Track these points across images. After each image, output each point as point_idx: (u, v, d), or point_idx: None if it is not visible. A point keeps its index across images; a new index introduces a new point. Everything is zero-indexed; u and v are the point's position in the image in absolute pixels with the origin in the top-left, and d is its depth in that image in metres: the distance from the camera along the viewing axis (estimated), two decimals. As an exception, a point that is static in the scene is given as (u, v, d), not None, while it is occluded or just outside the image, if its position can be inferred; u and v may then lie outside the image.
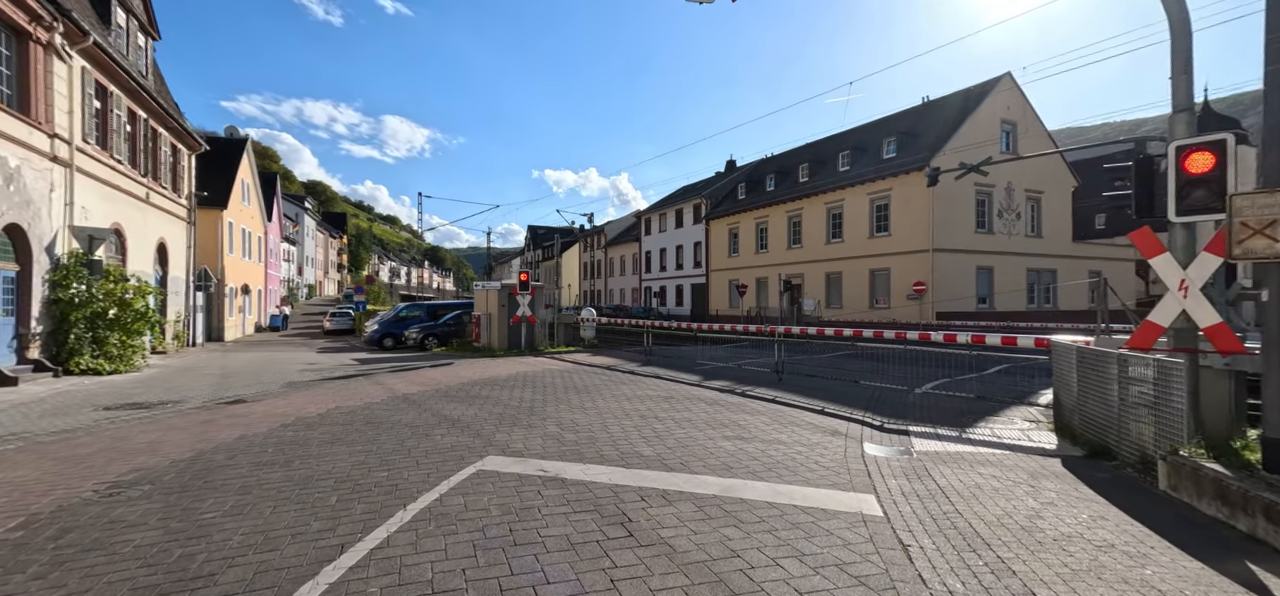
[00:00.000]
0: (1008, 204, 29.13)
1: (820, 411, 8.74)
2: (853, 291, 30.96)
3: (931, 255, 26.76)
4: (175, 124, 20.56)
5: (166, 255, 20.48)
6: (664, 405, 9.07)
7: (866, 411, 8.65)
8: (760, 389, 10.77)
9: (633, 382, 11.61)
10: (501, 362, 15.77)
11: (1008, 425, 7.70)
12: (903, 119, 33.76)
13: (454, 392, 10.30)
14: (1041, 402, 9.14)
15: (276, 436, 6.89)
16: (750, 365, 13.33)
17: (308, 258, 69.03)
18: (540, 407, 8.76)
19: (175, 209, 21.20)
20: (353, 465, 5.56)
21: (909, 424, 7.84)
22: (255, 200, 33.66)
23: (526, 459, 5.80)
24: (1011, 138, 29.48)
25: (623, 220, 64.22)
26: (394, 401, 9.43)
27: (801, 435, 7.10)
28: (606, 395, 10.01)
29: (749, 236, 39.44)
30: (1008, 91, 29.29)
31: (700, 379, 12.17)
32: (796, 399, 9.70)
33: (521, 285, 19.61)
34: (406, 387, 11.06)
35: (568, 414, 8.28)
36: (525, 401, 9.33)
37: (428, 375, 13.05)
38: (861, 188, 30.58)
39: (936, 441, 6.88)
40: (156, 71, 21.51)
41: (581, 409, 8.69)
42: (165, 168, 20.09)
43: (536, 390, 10.56)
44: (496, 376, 12.64)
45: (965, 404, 9.08)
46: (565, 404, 9.12)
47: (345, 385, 11.65)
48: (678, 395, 10.05)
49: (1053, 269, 30.33)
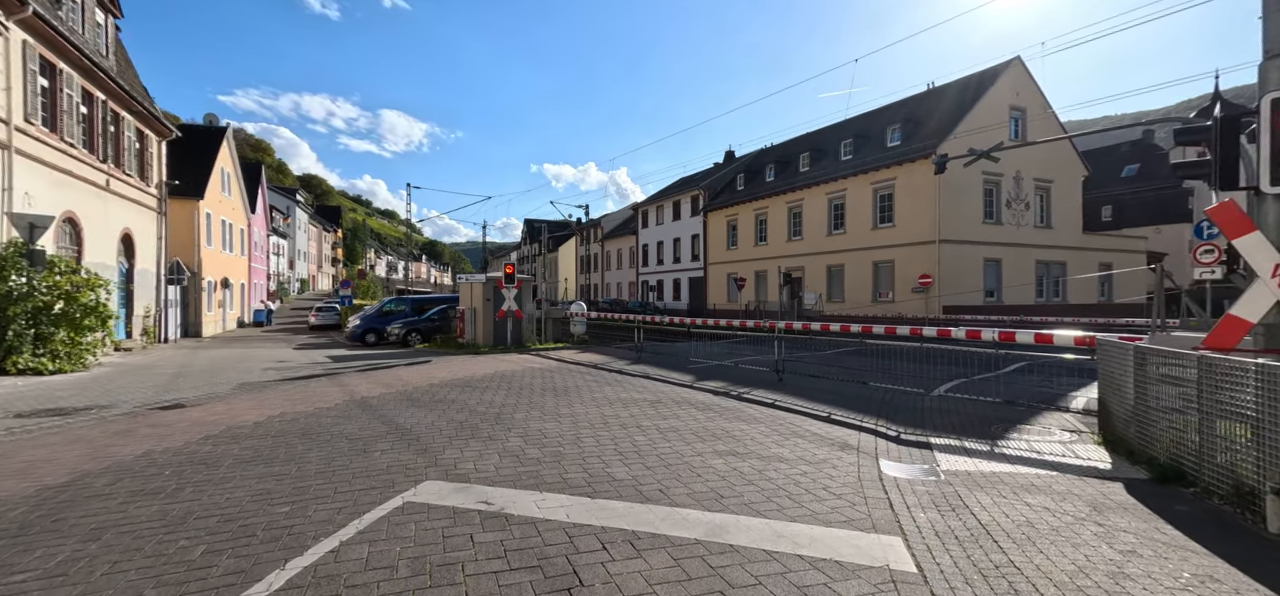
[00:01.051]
0: (1016, 193, 28.03)
1: (826, 418, 7.70)
2: (855, 284, 29.90)
3: (938, 246, 25.69)
4: (141, 108, 19.43)
5: (133, 246, 19.38)
6: (650, 411, 8.03)
7: (879, 418, 7.61)
8: (758, 391, 9.73)
9: (619, 384, 10.56)
10: (482, 361, 14.73)
11: (1045, 436, 6.65)
12: (907, 106, 32.61)
13: (418, 396, 9.25)
14: (1076, 408, 8.09)
15: (188, 453, 5.84)
16: (748, 364, 12.29)
17: (299, 251, 67.91)
18: (508, 414, 7.71)
19: (143, 198, 20.10)
20: (254, 496, 4.51)
21: (930, 434, 6.80)
22: (237, 191, 32.52)
23: (471, 486, 4.75)
24: (1021, 124, 28.36)
25: (619, 213, 63.07)
26: (347, 407, 8.38)
27: (806, 449, 6.06)
28: (587, 398, 8.96)
29: (748, 228, 38.33)
30: (1017, 76, 28.13)
31: (693, 379, 11.13)
32: (799, 403, 8.66)
33: (507, 278, 18.55)
34: (369, 389, 10.01)
35: (538, 422, 7.23)
36: (494, 406, 8.28)
37: (398, 375, 12.00)
38: (864, 177, 29.47)
39: (965, 457, 5.84)
40: (121, 52, 20.37)
41: (555, 416, 7.65)
42: (130, 154, 18.97)
43: (511, 392, 9.51)
44: (472, 376, 11.60)
45: (990, 409, 8.03)
46: (538, 409, 8.07)
47: (303, 387, 10.60)
48: (666, 398, 9.01)
49: (1062, 261, 29.27)
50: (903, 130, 29.67)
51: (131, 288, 19.44)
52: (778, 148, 43.17)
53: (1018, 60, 28.18)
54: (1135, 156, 49.66)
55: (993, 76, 28.28)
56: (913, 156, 26.75)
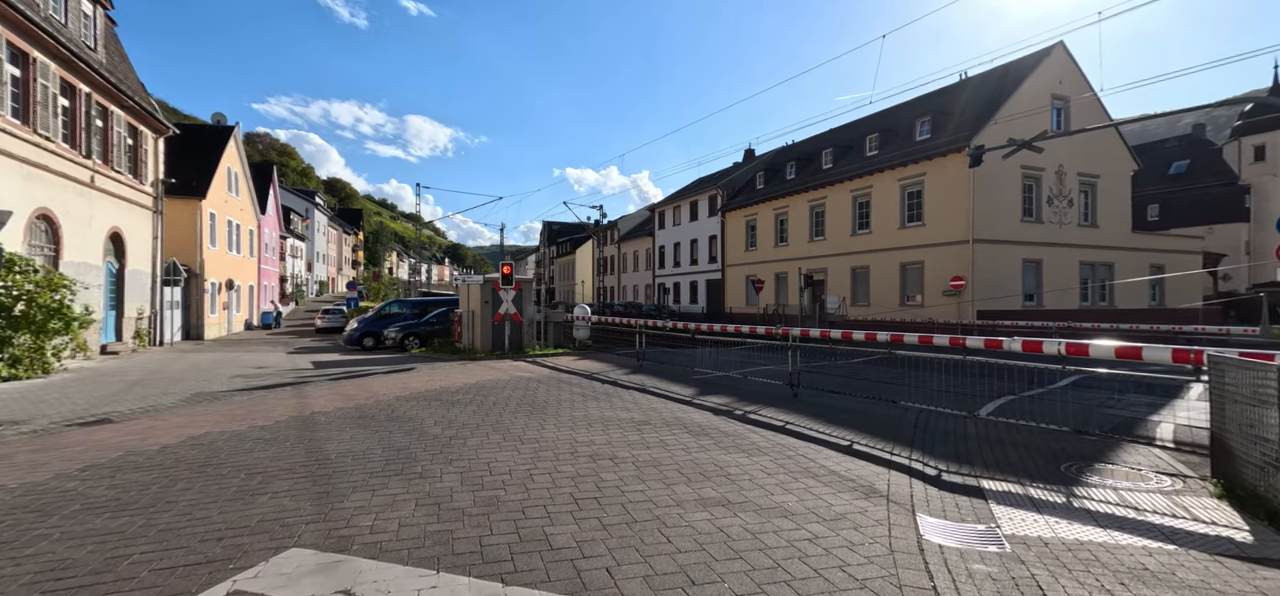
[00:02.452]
0: (1059, 189, 25.94)
1: (847, 447, 6.27)
2: (881, 287, 28.08)
3: (971, 246, 23.81)
4: (134, 104, 18.79)
5: (123, 246, 18.73)
6: (633, 435, 6.68)
7: (913, 449, 6.15)
8: (768, 410, 8.30)
9: (608, 398, 9.23)
10: (470, 368, 13.54)
11: (1137, 481, 5.12)
12: (938, 98, 30.67)
13: (372, 413, 8.05)
14: (1164, 438, 6.51)
15: (39, 492, 4.69)
16: (759, 375, 10.85)
17: (318, 253, 68.18)
18: (461, 439, 6.43)
19: (135, 196, 19.46)
20: (46, 570, 3.29)
21: (981, 474, 5.32)
22: (245, 191, 32.11)
23: (345, 560, 3.46)
24: (1063, 115, 26.28)
25: (637, 214, 61.83)
26: (282, 427, 7.21)
27: (819, 496, 4.65)
28: (564, 417, 7.65)
29: (768, 228, 36.69)
30: (1060, 63, 26.06)
31: (694, 394, 9.74)
32: (815, 427, 7.22)
33: (504, 279, 17.37)
34: (324, 403, 8.86)
35: (492, 451, 5.94)
36: (451, 428, 7.02)
37: (368, 385, 10.86)
38: (891, 173, 27.66)
39: (1035, 514, 4.36)
40: (115, 46, 19.80)
41: (517, 441, 6.35)
42: (120, 151, 18.32)
43: (479, 408, 8.25)
44: (448, 387, 10.39)
45: (1054, 439, 6.49)
46: (501, 432, 6.79)
47: (255, 400, 9.50)
48: (657, 418, 7.64)
49: (1109, 262, 27.04)
50: (932, 123, 27.80)
51: (122, 289, 18.79)
52: (799, 144, 41.44)
53: (1061, 46, 26.12)
54: (1184, 152, 46.65)
55: (1033, 64, 26.27)
56: (944, 150, 24.91)
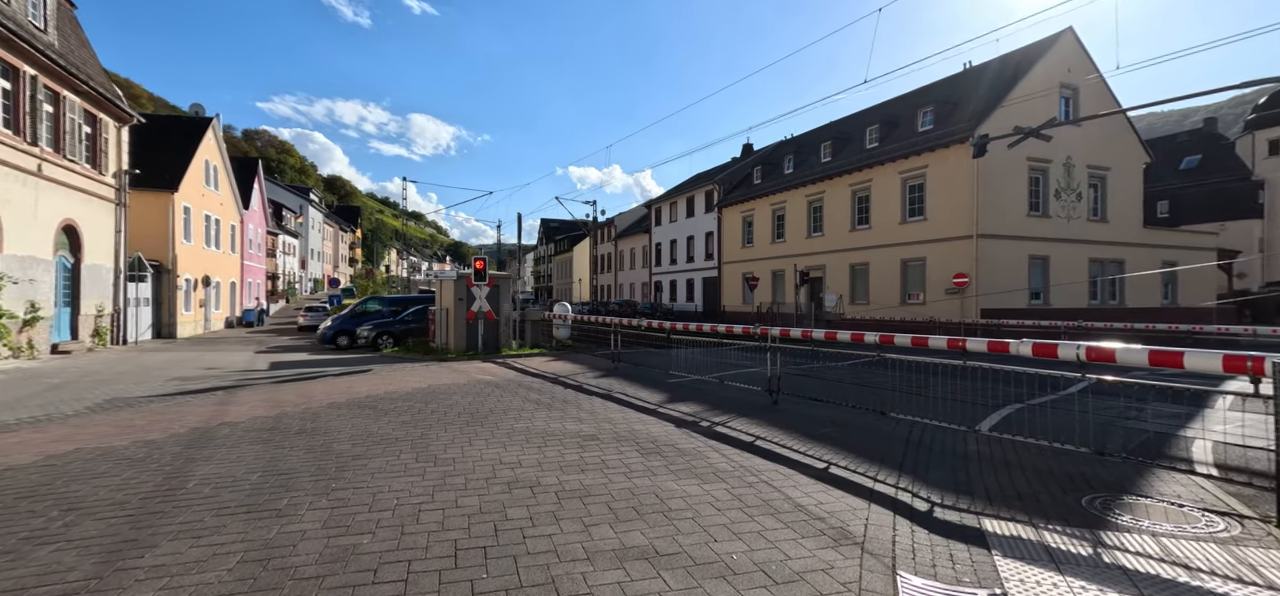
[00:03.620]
0: (1067, 182, 24.79)
1: (823, 470, 5.25)
2: (881, 285, 26.99)
3: (975, 242, 22.70)
4: (91, 90, 17.85)
5: (79, 239, 17.80)
6: (573, 453, 5.67)
7: (901, 474, 5.13)
8: (740, 421, 7.28)
9: (564, 406, 8.21)
10: (430, 370, 12.54)
11: (1177, 520, 4.08)
12: (941, 88, 29.52)
13: (290, 424, 7.07)
14: (1202, 461, 5.47)
15: None
16: (739, 380, 9.82)
17: (312, 250, 67.33)
18: (362, 461, 5.43)
19: (94, 187, 18.53)
20: None
21: (982, 508, 4.30)
22: (226, 185, 31.17)
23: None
24: (1072, 105, 25.11)
25: (634, 211, 60.77)
26: (170, 442, 6.23)
27: (776, 544, 3.62)
28: (501, 431, 6.64)
29: (764, 224, 35.61)
30: (1069, 50, 24.90)
31: (663, 400, 8.72)
32: (790, 442, 6.20)
33: (477, 274, 16.38)
34: (247, 412, 7.88)
35: (389, 478, 4.93)
36: (361, 444, 6.03)
37: (310, 389, 9.88)
38: (892, 165, 26.54)
39: (1053, 572, 3.33)
40: (73, 31, 18.87)
41: (428, 464, 5.34)
42: (75, 139, 17.38)
43: (410, 419, 7.25)
44: (393, 392, 9.40)
45: (1070, 461, 5.44)
46: (417, 451, 5.78)
47: (173, 407, 8.52)
48: (609, 431, 6.63)
49: (1120, 259, 25.87)
50: (935, 114, 26.67)
51: (77, 284, 17.86)
52: (797, 138, 40.32)
53: (1070, 32, 24.96)
54: (1196, 146, 45.31)
55: (1040, 51, 25.13)
56: (947, 141, 23.80)
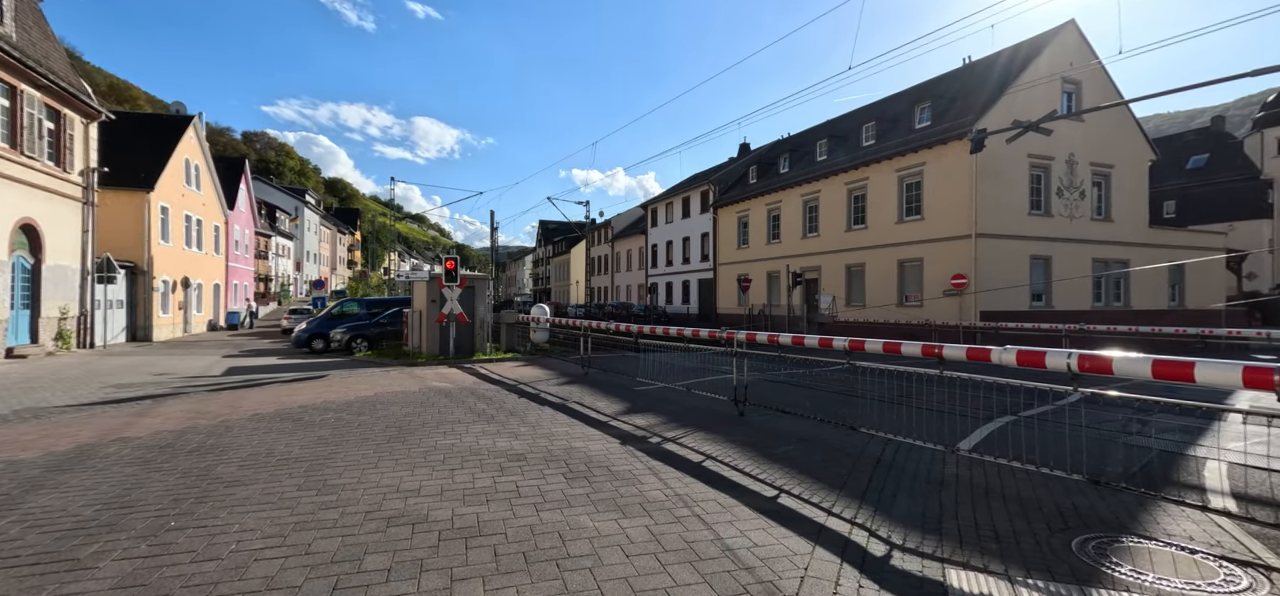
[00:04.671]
0: (1070, 180, 23.93)
1: (772, 499, 4.49)
2: (878, 286, 26.17)
3: (974, 241, 21.87)
4: (52, 84, 17.22)
5: (40, 239, 17.16)
6: (489, 478, 4.93)
7: (862, 504, 4.37)
8: (696, 436, 6.52)
9: (507, 418, 7.47)
10: (389, 376, 11.81)
11: (1186, 566, 3.29)
12: (939, 84, 28.68)
13: (186, 441, 6.36)
14: (1217, 490, 4.68)
15: None
16: (708, 389, 9.05)
17: (308, 252, 66.81)
18: (234, 488, 4.70)
19: (56, 185, 17.89)
20: None
21: (951, 553, 3.53)
22: (209, 185, 30.57)
23: None
24: (1075, 100, 24.25)
25: (630, 212, 60.04)
26: (20, 466, 5.51)
27: (678, 612, 2.86)
28: (420, 449, 5.90)
29: (760, 225, 34.82)
30: (1071, 43, 24.05)
31: (621, 411, 7.97)
32: (744, 463, 5.44)
33: (447, 275, 15.67)
34: (159, 424, 7.17)
35: (251, 513, 4.19)
36: (251, 467, 5.30)
37: (251, 397, 9.17)
38: (888, 163, 25.73)
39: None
40: (35, 23, 18.26)
41: (308, 493, 4.60)
42: (34, 135, 16.75)
43: (329, 435, 6.52)
44: (333, 401, 8.68)
45: (1061, 490, 4.66)
46: (309, 475, 5.05)
47: (82, 419, 7.81)
48: (541, 450, 5.88)
49: (1124, 259, 24.97)
50: (932, 110, 25.85)
51: (38, 286, 17.22)
52: (794, 137, 39.52)
53: (1072, 24, 24.13)
54: (1203, 145, 44.30)
55: (1041, 44, 24.29)
56: (944, 138, 22.98)
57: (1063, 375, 4.49)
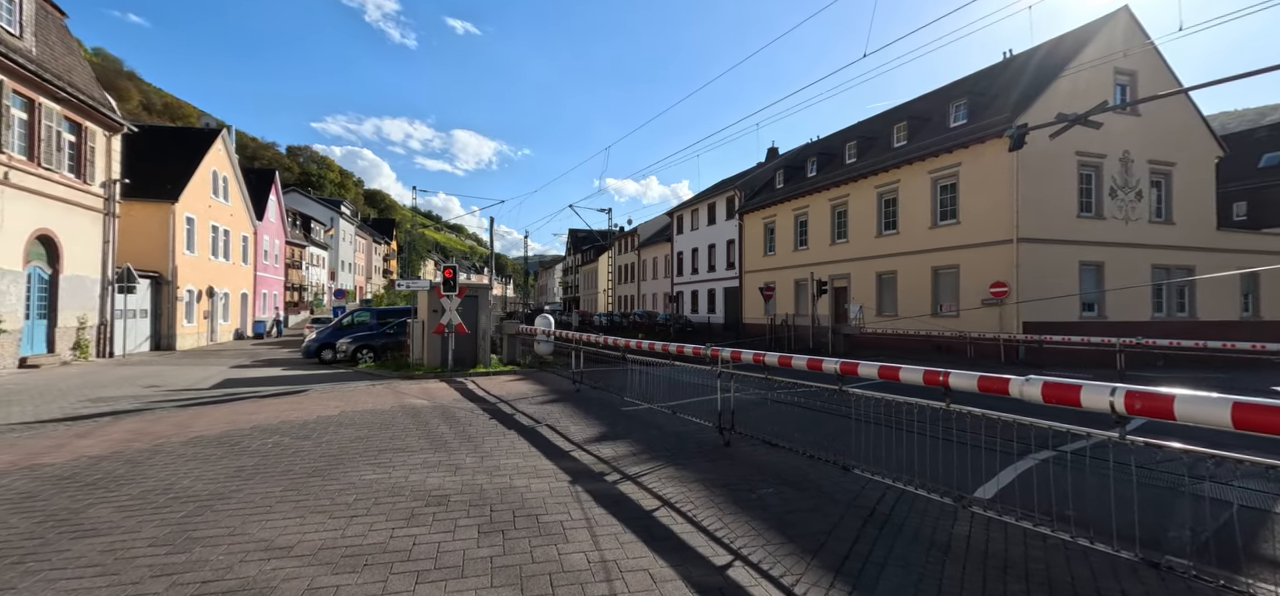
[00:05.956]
0: (1124, 179, 21.91)
1: (724, 569, 3.55)
2: (910, 295, 24.55)
3: (1015, 247, 20.16)
4: (73, 98, 17.53)
5: (57, 250, 17.42)
6: (380, 532, 4.12)
7: (837, 580, 3.36)
8: (665, 471, 5.59)
9: (459, 446, 6.67)
10: (373, 390, 11.22)
11: None
12: (976, 80, 26.92)
13: (85, 475, 5.78)
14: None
15: None
16: (693, 414, 8.08)
17: (342, 262, 68.30)
18: (39, 554, 4.01)
19: (76, 196, 18.19)
20: None
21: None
22: (237, 196, 31.17)
23: None
24: (1129, 93, 22.25)
25: (656, 219, 59.18)
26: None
27: None
28: (332, 487, 5.15)
29: (787, 231, 33.46)
30: (1125, 31, 22.10)
31: (592, 437, 7.09)
32: (705, 512, 4.48)
33: (446, 284, 15.11)
34: (85, 450, 6.66)
35: (46, 586, 3.47)
36: (124, 510, 4.64)
37: (207, 416, 8.67)
38: (920, 164, 24.16)
39: None
40: (59, 39, 18.67)
41: (129, 563, 3.87)
42: (51, 147, 17.03)
43: (248, 468, 5.85)
44: (289, 421, 8.07)
45: (1106, 572, 3.55)
46: (159, 531, 4.34)
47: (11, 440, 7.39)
48: (472, 491, 5.04)
49: (1189, 265, 22.71)
50: (969, 107, 24.17)
51: (55, 295, 17.47)
52: (822, 141, 38.04)
53: (1125, 10, 22.18)
54: (1278, 142, 40.70)
55: (1090, 33, 22.43)
56: (981, 136, 21.35)
57: (1105, 420, 3.39)
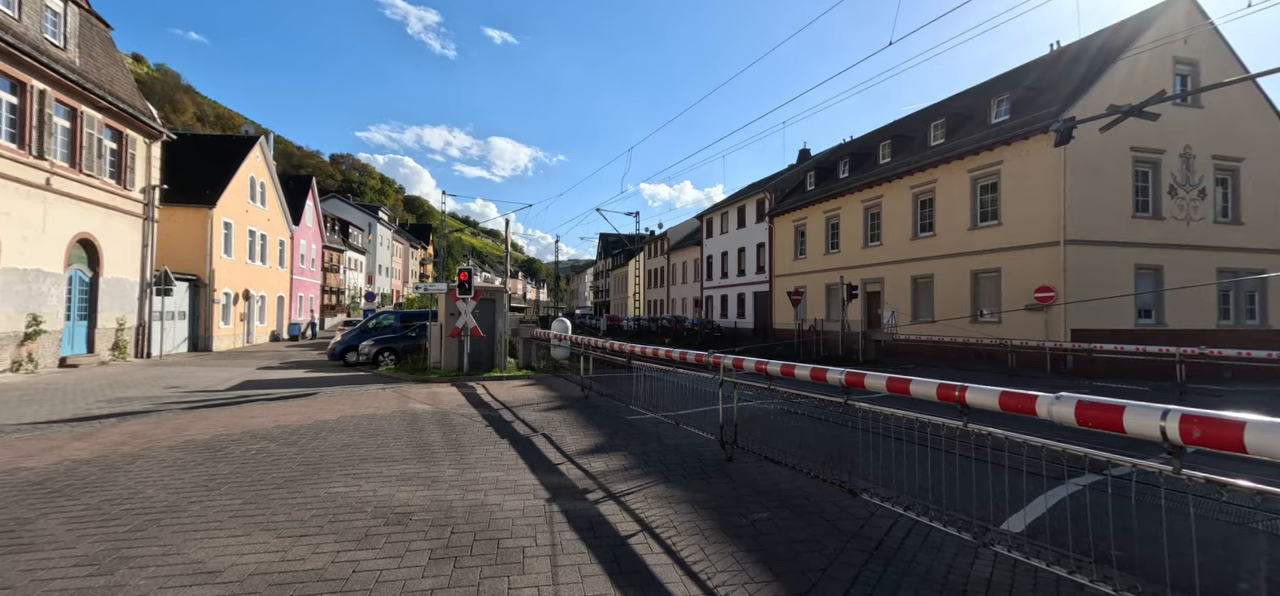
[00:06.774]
0: (1185, 176, 20.32)
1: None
2: (947, 299, 23.36)
3: (1062, 249, 18.88)
4: (114, 107, 18.18)
5: (97, 253, 18.05)
6: (323, 555, 3.78)
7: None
8: (654, 491, 5.12)
9: (447, 456, 6.35)
10: (382, 394, 11.08)
11: None
12: (1021, 74, 25.51)
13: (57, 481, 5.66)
14: None
15: None
16: (696, 425, 7.57)
17: (380, 265, 69.96)
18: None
19: (116, 201, 18.84)
20: None
21: None
22: (274, 201, 32.08)
23: None
24: (1190, 83, 20.66)
25: (686, 223, 58.58)
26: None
27: None
28: (298, 500, 4.87)
29: (818, 234, 32.46)
30: (1186, 16, 20.54)
31: (587, 448, 6.68)
32: (688, 542, 3.99)
33: (461, 287, 14.97)
34: (72, 453, 6.61)
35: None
36: (73, 523, 4.44)
37: (208, 419, 8.62)
38: (958, 163, 22.97)
39: None
40: (103, 50, 19.41)
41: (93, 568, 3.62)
42: (92, 154, 17.66)
43: (225, 475, 5.64)
44: (285, 425, 7.93)
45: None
46: (103, 546, 4.10)
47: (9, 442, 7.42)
48: (441, 509, 4.68)
49: (1259, 268, 20.91)
50: (1012, 102, 22.89)
51: (96, 298, 18.10)
52: (855, 141, 36.85)
53: (1184, -5, 20.63)
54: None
55: (1147, 21, 20.94)
56: (1025, 132, 20.13)
57: (1156, 448, 2.78)
